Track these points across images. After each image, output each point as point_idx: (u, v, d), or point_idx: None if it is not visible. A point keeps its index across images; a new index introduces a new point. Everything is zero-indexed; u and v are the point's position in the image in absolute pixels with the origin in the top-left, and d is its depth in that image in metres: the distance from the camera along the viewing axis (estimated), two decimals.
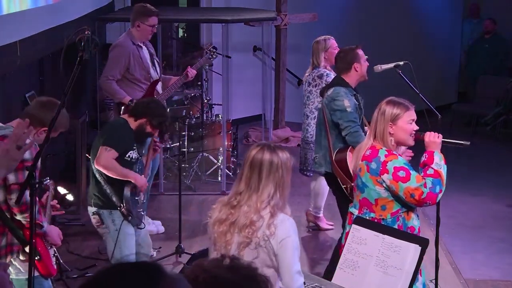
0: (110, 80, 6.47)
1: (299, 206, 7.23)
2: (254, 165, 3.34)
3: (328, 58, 6.54)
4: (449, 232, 6.76)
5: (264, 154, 3.34)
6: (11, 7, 5.45)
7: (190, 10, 10.38)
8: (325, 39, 6.60)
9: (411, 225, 4.15)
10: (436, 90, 11.50)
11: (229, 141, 8.30)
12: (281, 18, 9.62)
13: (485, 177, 8.73)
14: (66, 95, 3.49)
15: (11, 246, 3.93)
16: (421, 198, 3.96)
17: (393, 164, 4.01)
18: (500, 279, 6.02)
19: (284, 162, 3.35)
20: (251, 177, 3.34)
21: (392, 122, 4.06)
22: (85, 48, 3.74)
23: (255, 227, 3.29)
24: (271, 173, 3.32)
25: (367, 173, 4.08)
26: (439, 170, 4.02)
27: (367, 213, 4.12)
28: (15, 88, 6.20)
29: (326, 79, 6.44)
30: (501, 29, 11.74)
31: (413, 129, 4.11)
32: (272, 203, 3.32)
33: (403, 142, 4.14)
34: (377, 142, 4.10)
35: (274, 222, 3.29)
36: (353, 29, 10.74)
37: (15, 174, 3.82)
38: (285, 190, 3.37)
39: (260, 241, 3.28)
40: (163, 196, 7.71)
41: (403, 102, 4.14)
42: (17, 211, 3.83)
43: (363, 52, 5.49)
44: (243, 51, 10.46)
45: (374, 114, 4.16)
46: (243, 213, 3.32)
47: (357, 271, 3.69)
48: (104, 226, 4.99)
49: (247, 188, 3.35)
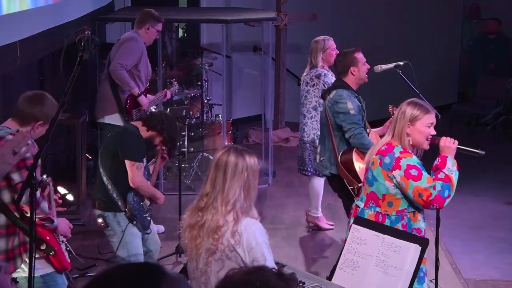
0: (123, 68, 6.50)
1: (299, 206, 7.25)
2: (219, 166, 3.33)
3: (326, 59, 6.55)
4: (449, 232, 6.76)
5: (230, 156, 3.33)
6: (11, 7, 5.45)
7: (190, 10, 10.38)
8: (324, 39, 6.61)
9: (418, 226, 4.18)
10: (436, 90, 11.50)
11: (229, 141, 8.29)
12: (281, 18, 9.62)
13: (485, 177, 8.73)
14: (66, 95, 3.49)
15: (24, 245, 3.95)
16: (428, 199, 3.99)
17: (407, 161, 4.04)
18: (500, 279, 6.02)
19: (250, 165, 3.33)
20: (216, 178, 3.33)
21: (411, 123, 4.10)
22: (85, 48, 3.72)
23: (221, 232, 3.26)
24: (236, 175, 3.31)
25: (379, 167, 4.10)
26: (450, 175, 4.06)
27: (373, 207, 4.15)
28: (15, 88, 6.19)
29: (324, 79, 6.45)
30: (502, 29, 11.73)
31: (430, 132, 4.13)
32: (238, 205, 3.29)
33: (419, 145, 4.15)
34: (394, 140, 4.14)
35: (238, 230, 3.25)
36: (353, 29, 10.74)
37: (19, 174, 3.84)
38: (250, 193, 3.35)
39: (225, 250, 3.25)
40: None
41: (425, 104, 4.18)
42: (28, 209, 3.84)
43: (362, 55, 5.50)
44: (243, 51, 10.47)
45: (395, 113, 4.22)
46: (210, 216, 3.31)
47: (357, 271, 3.69)
48: (110, 229, 5.00)
49: (212, 190, 3.34)
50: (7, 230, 3.93)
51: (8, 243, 3.93)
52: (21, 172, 3.84)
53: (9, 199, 3.89)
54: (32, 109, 4.02)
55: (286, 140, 9.82)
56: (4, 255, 3.92)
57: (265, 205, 7.38)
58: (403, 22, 11.78)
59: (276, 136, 9.65)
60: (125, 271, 1.51)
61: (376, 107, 6.95)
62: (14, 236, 3.94)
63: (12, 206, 3.89)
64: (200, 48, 9.51)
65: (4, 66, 5.47)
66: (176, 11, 9.76)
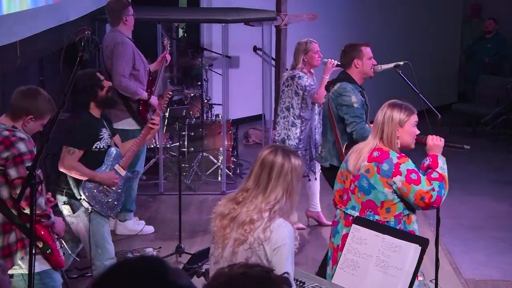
0: (126, 78, 6.40)
1: (299, 206, 7.17)
2: (265, 164, 3.31)
3: (308, 61, 6.57)
4: (449, 232, 6.76)
5: (277, 156, 3.30)
6: (11, 7, 5.44)
7: (190, 10, 10.38)
8: (307, 42, 6.63)
9: (412, 228, 4.16)
10: (436, 90, 11.50)
11: (229, 141, 8.30)
12: (281, 18, 9.61)
13: (485, 177, 8.73)
14: (66, 95, 3.50)
15: (21, 241, 3.95)
16: (430, 201, 4.01)
17: (406, 166, 4.03)
18: (500, 279, 6.02)
19: (295, 168, 3.32)
20: (260, 175, 3.31)
21: (400, 126, 4.10)
22: (85, 48, 3.73)
23: (254, 226, 3.25)
24: (281, 176, 3.29)
25: (377, 174, 4.07)
26: (444, 173, 4.08)
27: (371, 215, 4.11)
28: (15, 88, 6.18)
29: (298, 81, 6.51)
30: (502, 29, 11.74)
31: (415, 132, 4.16)
32: (277, 206, 3.27)
33: (407, 146, 4.16)
34: (382, 144, 4.12)
35: (270, 227, 3.24)
36: (353, 29, 10.74)
37: (16, 169, 3.84)
38: (293, 196, 3.33)
39: (254, 243, 3.25)
40: (163, 196, 7.71)
41: (408, 105, 4.18)
42: (26, 205, 3.85)
43: (369, 50, 5.48)
44: (243, 51, 10.46)
45: (377, 117, 4.17)
46: (246, 210, 3.29)
47: (357, 271, 3.69)
48: (76, 215, 4.90)
49: (255, 186, 3.32)
50: (3, 228, 3.94)
51: (4, 240, 3.93)
52: (18, 168, 3.84)
53: (7, 195, 3.89)
54: (26, 104, 4.03)
55: None
56: (1, 251, 3.93)
57: None
58: (403, 22, 11.77)
59: None
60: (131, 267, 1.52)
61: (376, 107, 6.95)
62: (10, 232, 3.95)
63: (10, 202, 3.89)
64: (200, 48, 9.51)
65: (4, 66, 5.47)
66: (176, 11, 9.76)
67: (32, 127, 4.07)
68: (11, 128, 3.98)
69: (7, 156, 3.86)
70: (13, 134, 3.93)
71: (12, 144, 3.89)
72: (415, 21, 11.95)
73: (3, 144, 3.90)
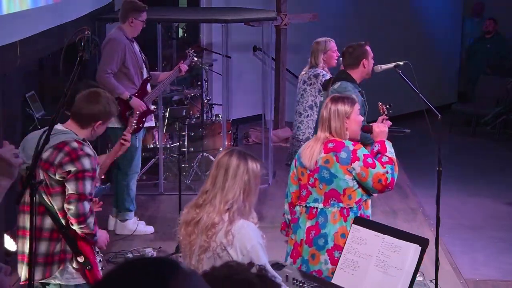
0: (109, 74, 6.43)
1: None
2: (221, 166, 3.35)
3: (327, 60, 6.58)
4: (449, 232, 6.76)
5: (232, 158, 3.34)
6: (11, 7, 5.44)
7: (190, 10, 10.38)
8: (326, 41, 6.63)
9: (368, 214, 4.33)
10: (436, 90, 11.50)
11: (229, 141, 8.30)
12: (281, 18, 9.62)
13: (485, 177, 8.73)
14: (66, 95, 3.49)
15: (64, 253, 3.94)
16: (387, 183, 4.18)
17: (362, 151, 4.21)
18: (500, 279, 6.02)
19: (252, 169, 3.34)
20: (217, 176, 3.35)
21: (347, 117, 4.26)
22: (85, 48, 3.72)
23: (215, 230, 3.27)
24: (237, 176, 3.32)
25: (336, 163, 4.20)
26: (392, 157, 4.29)
27: (335, 203, 4.23)
28: (15, 88, 6.20)
29: (322, 79, 6.49)
30: (503, 29, 11.74)
31: (360, 119, 4.36)
32: (235, 206, 3.30)
33: (355, 135, 4.33)
34: (332, 137, 4.26)
35: (232, 230, 3.26)
36: (353, 29, 10.74)
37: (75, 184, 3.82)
38: (250, 197, 3.35)
39: (217, 249, 3.26)
40: (163, 196, 7.71)
41: (349, 96, 4.44)
42: (75, 222, 3.86)
43: (370, 49, 5.49)
44: (243, 51, 10.47)
45: (322, 113, 4.34)
46: (207, 213, 3.32)
47: (357, 271, 3.69)
48: None
49: (212, 187, 3.35)
50: (50, 235, 3.93)
51: (49, 247, 3.93)
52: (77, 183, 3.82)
53: (60, 206, 3.88)
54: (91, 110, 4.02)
55: (286, 140, 9.81)
56: (43, 258, 3.92)
57: (265, 205, 7.37)
58: (403, 21, 11.78)
59: (276, 136, 9.65)
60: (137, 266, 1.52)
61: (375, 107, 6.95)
62: (57, 242, 3.94)
63: (61, 213, 3.89)
64: (200, 48, 9.51)
65: (4, 66, 5.47)
66: (176, 11, 9.76)
67: (100, 131, 4.08)
68: (81, 141, 3.95)
69: (70, 170, 3.84)
70: (81, 149, 3.89)
71: (78, 158, 3.85)
72: (415, 21, 11.95)
73: (69, 156, 3.85)
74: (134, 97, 6.52)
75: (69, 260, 3.95)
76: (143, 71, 6.68)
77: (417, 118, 4.23)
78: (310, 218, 4.28)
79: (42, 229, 3.89)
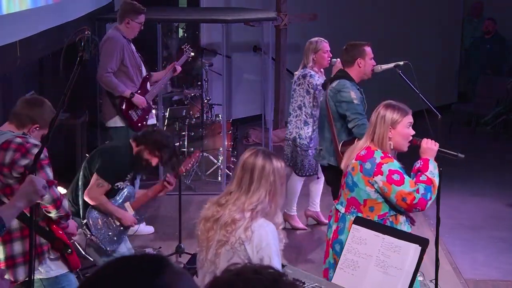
0: (109, 73, 6.44)
1: (299, 206, 7.22)
2: (246, 167, 3.34)
3: (318, 60, 6.55)
4: (449, 232, 6.76)
5: (257, 159, 3.34)
6: (11, 7, 5.45)
7: (190, 10, 10.37)
8: (317, 41, 6.62)
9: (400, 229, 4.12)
10: (436, 90, 11.50)
11: (229, 141, 8.30)
12: (281, 18, 9.62)
13: (485, 177, 8.73)
14: (66, 95, 3.49)
15: (41, 246, 3.95)
16: (412, 203, 4.00)
17: (389, 166, 4.04)
18: (500, 279, 6.02)
19: (277, 169, 3.35)
20: (242, 178, 3.35)
21: (392, 127, 4.08)
22: (85, 48, 3.72)
23: (235, 226, 3.28)
24: (263, 177, 3.31)
25: (359, 172, 4.10)
26: (433, 178, 4.06)
27: (354, 212, 4.15)
28: (15, 88, 6.19)
29: (309, 79, 6.49)
30: (502, 29, 11.73)
31: (410, 133, 4.13)
32: (260, 207, 3.30)
33: (400, 147, 4.14)
34: (373, 144, 4.12)
35: (252, 227, 3.26)
36: (353, 29, 10.73)
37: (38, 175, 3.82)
38: (276, 197, 3.35)
39: (235, 244, 3.27)
40: (163, 196, 7.70)
41: (402, 106, 4.15)
42: (53, 208, 3.90)
43: (371, 50, 5.47)
44: (243, 51, 10.46)
45: (372, 117, 4.17)
46: (228, 212, 3.33)
47: (357, 271, 3.69)
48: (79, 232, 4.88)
49: (237, 189, 3.35)
50: (21, 233, 3.92)
51: (24, 245, 3.91)
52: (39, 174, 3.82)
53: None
54: (29, 111, 4.02)
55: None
56: (22, 258, 3.90)
57: None
58: (403, 21, 11.77)
59: (276, 136, 9.65)
60: (127, 261, 1.52)
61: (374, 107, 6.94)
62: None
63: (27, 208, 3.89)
64: (200, 48, 9.51)
65: (4, 66, 5.47)
66: (176, 11, 9.76)
67: (36, 136, 4.05)
68: (22, 135, 3.95)
69: (26, 163, 3.83)
70: (27, 141, 3.89)
71: (28, 150, 3.85)
72: (415, 20, 11.94)
73: (19, 151, 3.85)
74: (136, 94, 6.54)
75: (46, 252, 3.95)
76: (141, 69, 6.69)
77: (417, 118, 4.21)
78: (336, 221, 4.24)
79: (11, 231, 3.84)
